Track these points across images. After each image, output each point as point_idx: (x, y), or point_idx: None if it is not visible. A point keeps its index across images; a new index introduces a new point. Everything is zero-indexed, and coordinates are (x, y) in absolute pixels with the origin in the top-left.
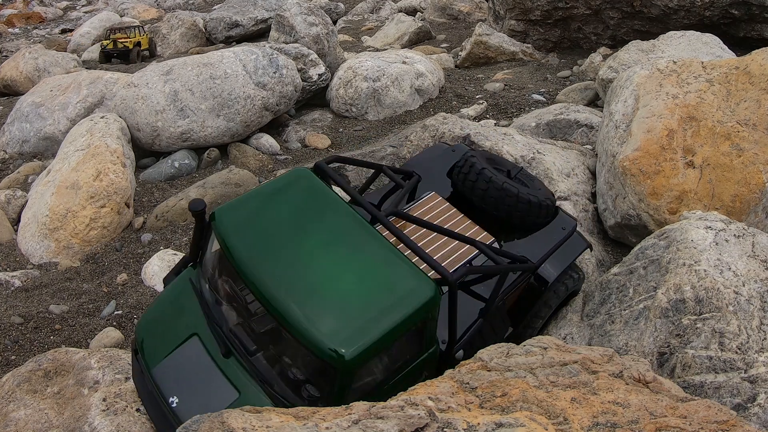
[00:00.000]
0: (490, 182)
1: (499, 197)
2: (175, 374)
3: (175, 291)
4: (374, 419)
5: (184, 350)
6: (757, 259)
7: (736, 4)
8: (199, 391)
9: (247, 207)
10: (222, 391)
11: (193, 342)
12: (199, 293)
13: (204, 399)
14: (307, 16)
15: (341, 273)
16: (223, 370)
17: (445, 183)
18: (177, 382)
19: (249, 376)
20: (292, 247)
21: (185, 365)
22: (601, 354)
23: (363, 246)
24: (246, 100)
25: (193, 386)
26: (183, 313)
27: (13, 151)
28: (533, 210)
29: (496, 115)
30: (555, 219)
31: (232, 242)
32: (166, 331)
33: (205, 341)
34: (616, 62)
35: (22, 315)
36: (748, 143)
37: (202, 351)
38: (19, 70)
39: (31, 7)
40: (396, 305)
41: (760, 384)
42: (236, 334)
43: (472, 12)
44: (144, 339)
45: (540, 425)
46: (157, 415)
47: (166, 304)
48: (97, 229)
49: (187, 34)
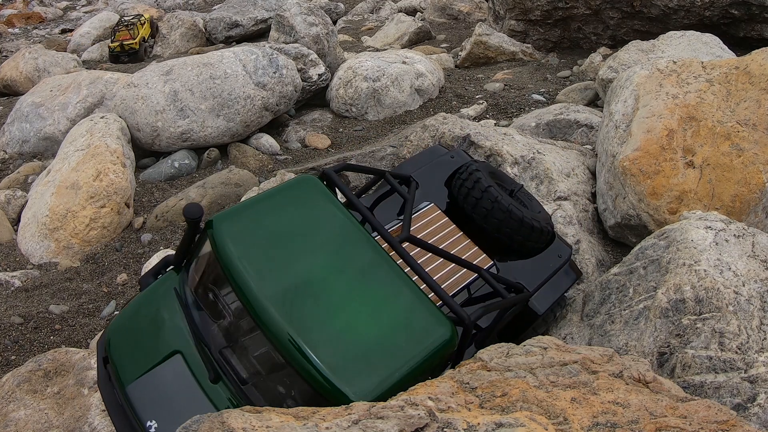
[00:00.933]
0: (496, 202)
1: (503, 219)
2: (153, 396)
3: (155, 297)
4: (374, 419)
5: (165, 369)
6: (757, 259)
7: (736, 4)
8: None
9: (249, 216)
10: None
11: (176, 361)
12: (185, 305)
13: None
14: (307, 16)
15: (353, 303)
16: (211, 398)
17: (442, 192)
18: (156, 406)
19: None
20: (298, 267)
21: (166, 387)
22: (601, 354)
23: (377, 274)
24: (246, 100)
25: (174, 412)
26: (164, 326)
27: (13, 151)
28: (534, 235)
29: (496, 115)
30: (552, 245)
31: (230, 256)
32: (144, 344)
33: (190, 362)
34: (616, 62)
35: (22, 315)
36: (748, 143)
37: (186, 373)
38: (19, 70)
39: (31, 7)
40: (412, 347)
41: (760, 384)
42: (227, 359)
43: (472, 12)
44: (116, 348)
45: (540, 425)
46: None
47: (143, 311)
48: (97, 229)
49: (187, 34)
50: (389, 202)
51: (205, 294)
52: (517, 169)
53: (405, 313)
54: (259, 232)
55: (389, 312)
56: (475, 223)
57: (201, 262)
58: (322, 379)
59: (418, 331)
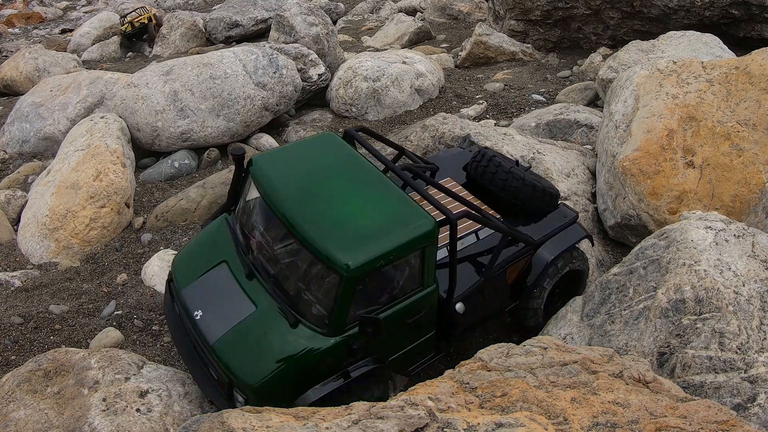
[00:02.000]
0: (499, 166)
1: (507, 179)
2: (202, 293)
3: (211, 230)
4: (374, 419)
5: (213, 274)
6: (757, 259)
7: (736, 4)
8: (222, 306)
9: (281, 156)
10: (241, 306)
11: (222, 267)
12: (233, 230)
13: (225, 311)
14: (307, 16)
15: (354, 204)
16: (245, 289)
17: (460, 175)
18: (202, 299)
19: (267, 294)
20: (317, 186)
21: (212, 286)
22: (601, 354)
23: (376, 187)
24: (246, 100)
25: (216, 302)
26: (215, 246)
27: (13, 151)
28: (537, 194)
29: (496, 115)
30: (557, 210)
31: (264, 180)
32: (199, 260)
33: (233, 267)
34: (616, 62)
35: (22, 315)
36: (748, 143)
37: (229, 274)
38: (19, 70)
39: (31, 7)
40: (399, 231)
41: (760, 384)
42: (260, 260)
43: (472, 12)
44: (177, 268)
45: (540, 425)
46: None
47: (201, 241)
48: (97, 229)
49: (187, 34)
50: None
51: (247, 218)
52: None
53: (396, 211)
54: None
55: (383, 210)
56: (489, 195)
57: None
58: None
59: (407, 221)
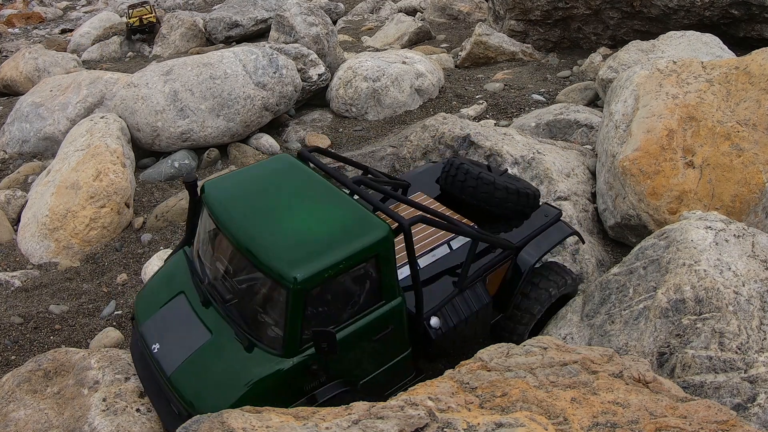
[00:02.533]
0: (467, 173)
1: (477, 186)
2: (159, 326)
3: (170, 264)
4: (374, 419)
5: (170, 306)
6: (757, 259)
7: (736, 4)
8: (178, 336)
9: (233, 180)
10: (197, 334)
11: (179, 298)
12: (189, 260)
13: (181, 342)
14: (307, 16)
15: (303, 218)
16: (201, 317)
17: (434, 189)
18: (160, 332)
19: (222, 320)
20: (267, 204)
21: (169, 317)
22: (601, 354)
23: (327, 200)
24: (246, 100)
25: (173, 333)
26: (174, 279)
27: (13, 151)
28: (511, 197)
29: (496, 115)
30: (539, 210)
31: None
32: (158, 295)
33: (190, 297)
34: (616, 62)
35: (22, 315)
36: (748, 143)
37: (186, 304)
38: (19, 70)
39: (31, 7)
40: (349, 240)
41: (760, 384)
42: (215, 287)
43: (472, 12)
44: (138, 305)
45: (540, 425)
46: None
47: (161, 276)
48: (97, 229)
49: (187, 34)
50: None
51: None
52: (517, 169)
53: (347, 221)
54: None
55: (332, 220)
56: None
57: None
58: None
59: (357, 230)
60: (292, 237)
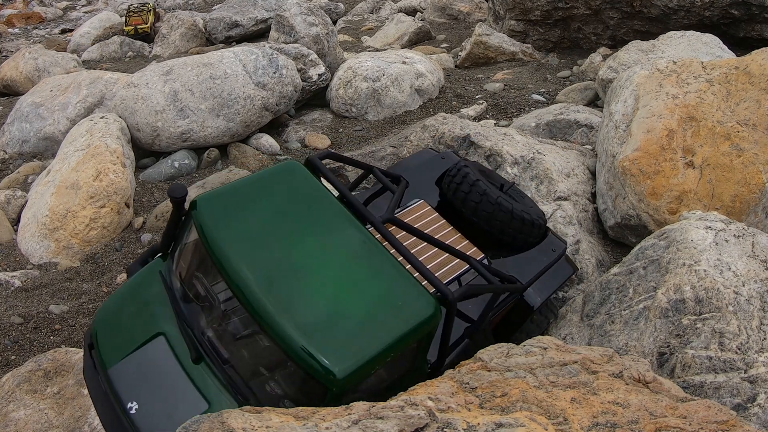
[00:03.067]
0: (484, 195)
1: (493, 212)
2: (135, 377)
3: (141, 283)
4: (374, 419)
5: (148, 351)
6: (757, 259)
7: (736, 5)
8: (163, 399)
9: (233, 197)
10: (189, 401)
11: (159, 342)
12: (169, 288)
13: (168, 408)
14: (307, 16)
15: (337, 281)
16: (192, 378)
17: (433, 191)
18: (137, 387)
19: (221, 386)
20: (283, 245)
21: (148, 368)
22: (601, 354)
23: (361, 253)
24: (246, 100)
25: (155, 393)
26: (148, 309)
27: (13, 151)
28: (525, 228)
29: (496, 115)
30: (545, 240)
31: (214, 235)
32: (128, 328)
33: (173, 343)
34: (616, 62)
35: (22, 315)
36: (748, 143)
37: (169, 354)
38: (19, 70)
39: (31, 7)
40: (395, 321)
41: (760, 384)
42: (209, 338)
43: (472, 12)
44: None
45: (540, 425)
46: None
47: (129, 297)
48: (97, 229)
49: (187, 34)
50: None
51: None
52: (517, 169)
53: (388, 290)
54: (244, 213)
55: (374, 289)
56: (467, 221)
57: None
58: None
59: (401, 306)
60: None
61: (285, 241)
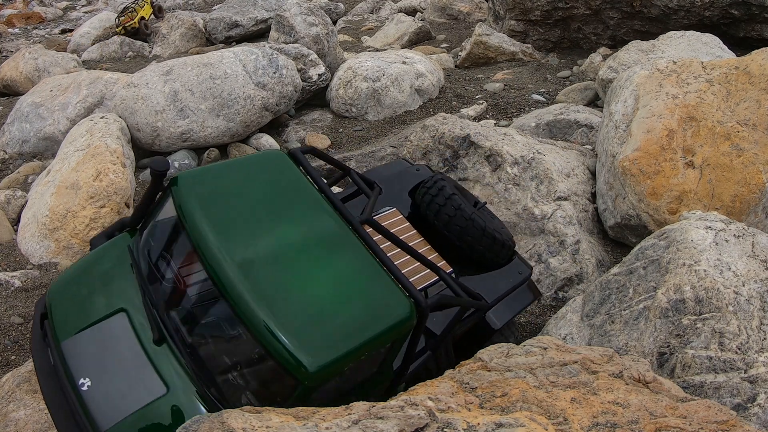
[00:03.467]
0: (459, 209)
1: (466, 227)
2: (90, 353)
3: (105, 257)
4: (374, 419)
5: (106, 327)
6: (757, 259)
7: (736, 5)
8: (118, 379)
9: (215, 177)
10: (146, 384)
11: (119, 319)
12: (136, 264)
13: (122, 388)
14: (307, 16)
15: (316, 273)
16: (152, 359)
17: (405, 201)
18: (91, 363)
19: (182, 372)
20: (263, 232)
21: (105, 345)
22: (601, 354)
23: (341, 249)
24: (246, 101)
25: (110, 371)
26: (111, 284)
27: (13, 151)
28: (495, 247)
29: (496, 115)
30: (512, 262)
31: (192, 213)
32: (87, 301)
33: (135, 321)
34: (616, 62)
35: (22, 315)
36: (748, 143)
37: (129, 332)
38: (19, 70)
39: (31, 7)
40: (372, 319)
41: (760, 384)
42: (175, 320)
43: (472, 12)
44: (56, 304)
45: (540, 425)
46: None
47: (91, 269)
48: (98, 229)
49: (186, 34)
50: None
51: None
52: (517, 169)
53: (366, 288)
54: (225, 195)
55: (350, 285)
56: (437, 234)
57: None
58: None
59: (378, 305)
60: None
61: (265, 228)
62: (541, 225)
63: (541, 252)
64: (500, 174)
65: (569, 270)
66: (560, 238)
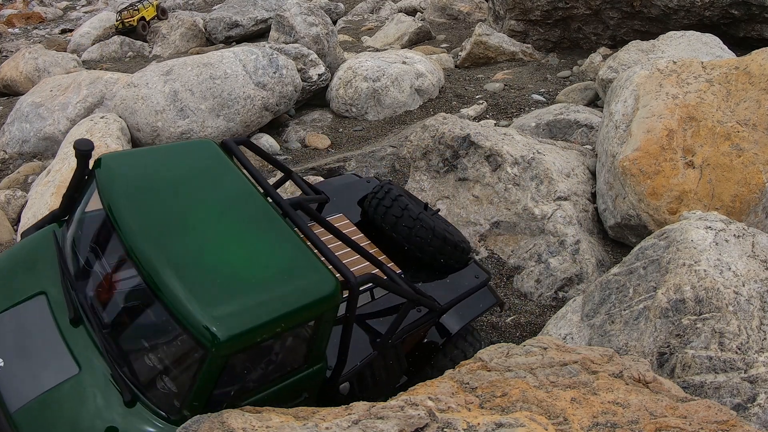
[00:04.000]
0: (406, 209)
1: (414, 227)
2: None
3: (32, 244)
4: (374, 419)
5: (25, 309)
6: (757, 259)
7: (736, 4)
8: (31, 358)
9: (140, 160)
10: (59, 364)
11: (38, 301)
12: (60, 249)
13: (35, 368)
14: (307, 16)
15: (233, 246)
16: (66, 339)
17: (354, 210)
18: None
19: (96, 352)
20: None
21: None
22: (601, 354)
23: (262, 225)
24: (246, 100)
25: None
26: (35, 269)
27: (13, 151)
28: (447, 249)
29: (496, 115)
30: (468, 267)
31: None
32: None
33: (53, 303)
34: (616, 62)
35: None
36: (748, 143)
37: (47, 313)
38: (19, 70)
39: (31, 7)
40: (290, 293)
41: (760, 384)
42: (92, 301)
43: (472, 12)
44: None
45: (540, 425)
46: None
47: (16, 256)
48: None
49: (187, 34)
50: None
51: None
52: (517, 169)
53: (287, 263)
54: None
55: (270, 259)
56: (388, 239)
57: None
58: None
59: (301, 280)
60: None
61: (184, 205)
62: (541, 225)
63: (541, 252)
64: (500, 174)
65: (569, 270)
66: (560, 238)
